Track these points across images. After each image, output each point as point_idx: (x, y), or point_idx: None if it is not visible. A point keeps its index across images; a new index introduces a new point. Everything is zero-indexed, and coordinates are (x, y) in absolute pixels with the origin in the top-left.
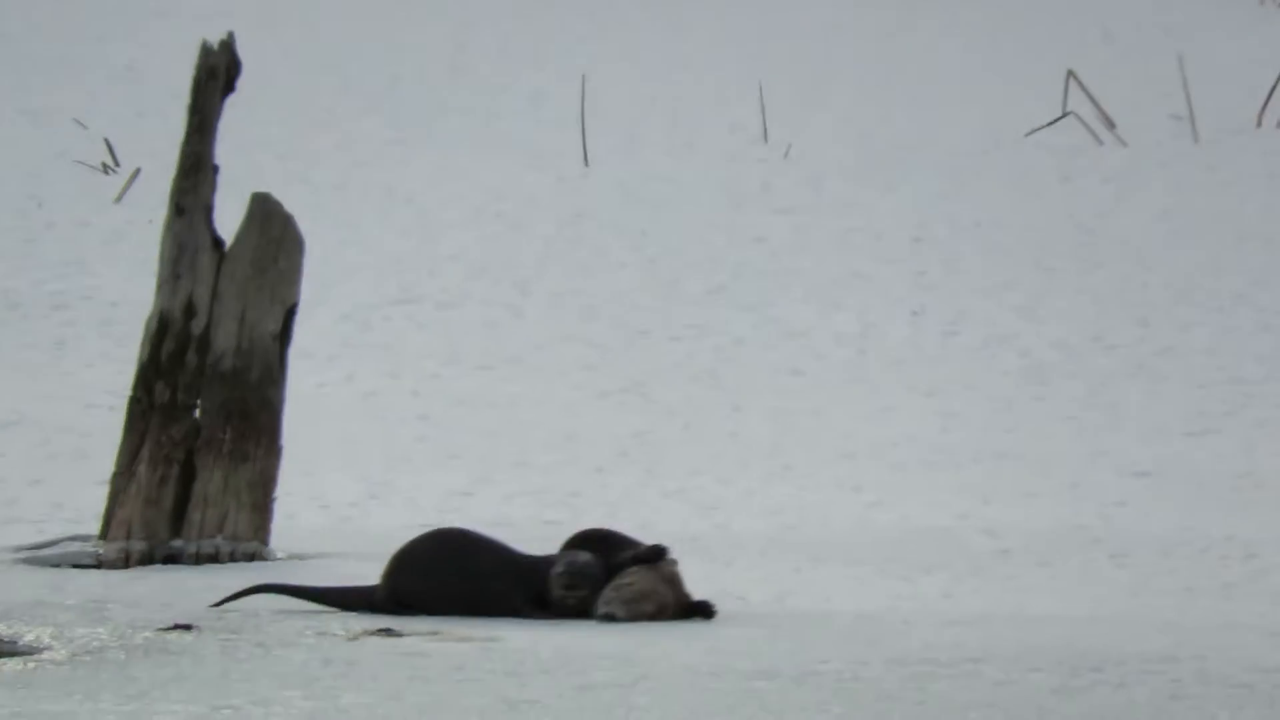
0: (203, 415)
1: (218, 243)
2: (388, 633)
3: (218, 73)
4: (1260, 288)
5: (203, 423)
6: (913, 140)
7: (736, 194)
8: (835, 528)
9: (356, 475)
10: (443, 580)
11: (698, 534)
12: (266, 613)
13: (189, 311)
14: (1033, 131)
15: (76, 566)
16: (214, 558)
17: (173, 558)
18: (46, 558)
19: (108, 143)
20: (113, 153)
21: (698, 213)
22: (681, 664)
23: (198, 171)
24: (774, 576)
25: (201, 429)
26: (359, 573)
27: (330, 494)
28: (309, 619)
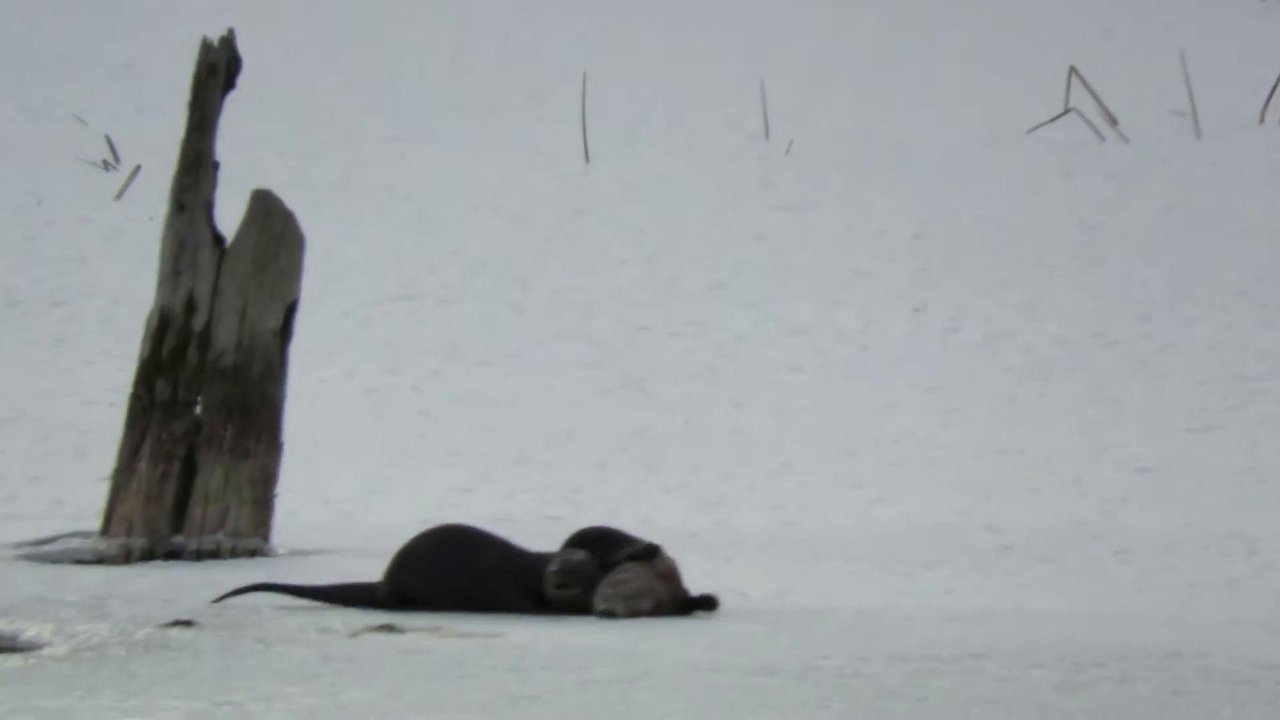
0: (204, 412)
1: (218, 239)
2: (388, 629)
3: (218, 69)
4: (1262, 284)
5: (204, 419)
6: (914, 137)
7: (737, 191)
8: (836, 524)
9: (357, 472)
10: (446, 577)
11: (699, 530)
12: (267, 609)
13: (190, 308)
14: (1034, 128)
15: (77, 563)
16: (215, 554)
17: (174, 554)
18: (47, 554)
19: (108, 139)
20: (113, 149)
21: (698, 209)
22: (682, 660)
23: (198, 168)
24: (775, 572)
25: (202, 425)
26: (360, 569)
27: (331, 490)
28: (310, 615)
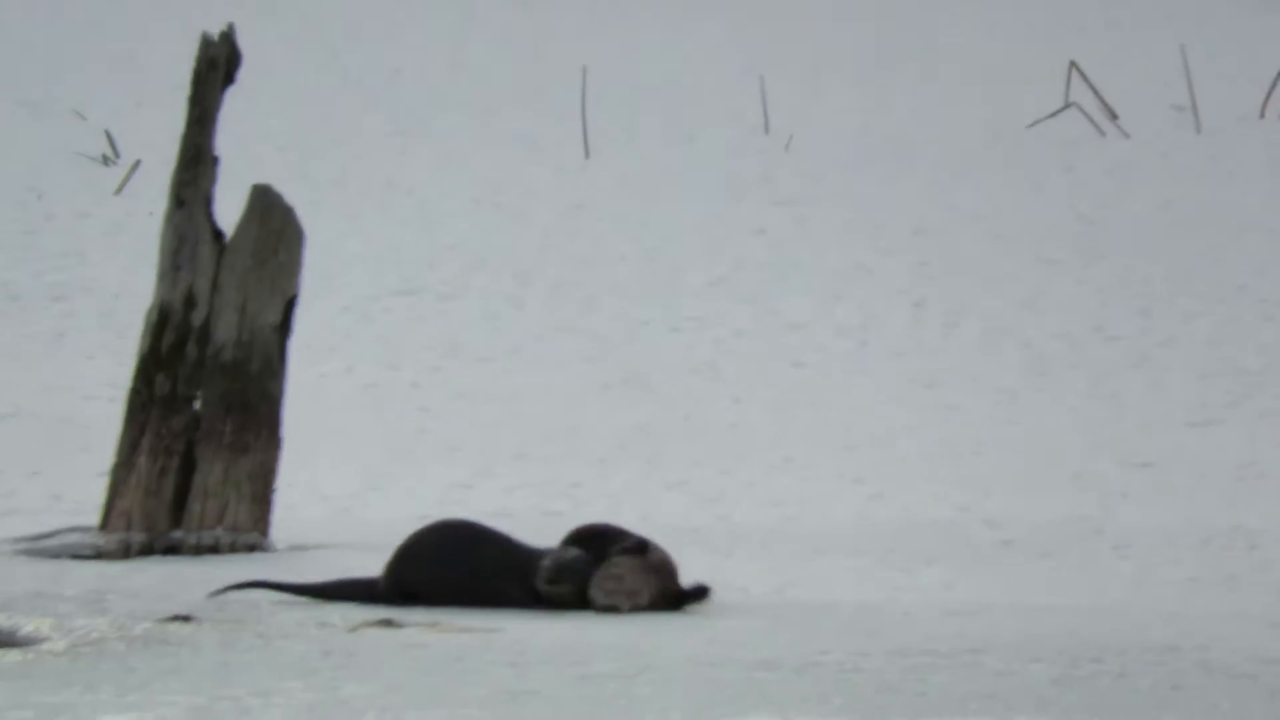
0: (203, 407)
1: (218, 235)
2: (387, 624)
3: (218, 64)
4: (1262, 278)
5: (203, 414)
6: (914, 132)
7: (737, 186)
8: (836, 519)
9: (357, 467)
10: (447, 571)
11: (699, 525)
12: (266, 604)
13: (189, 303)
14: (1035, 123)
15: (76, 558)
16: (214, 549)
17: (172, 549)
18: (46, 549)
19: (108, 134)
20: (113, 144)
21: (698, 205)
22: (683, 655)
23: (198, 163)
24: (775, 568)
25: (202, 420)
26: (359, 564)
27: (330, 486)
28: (309, 610)
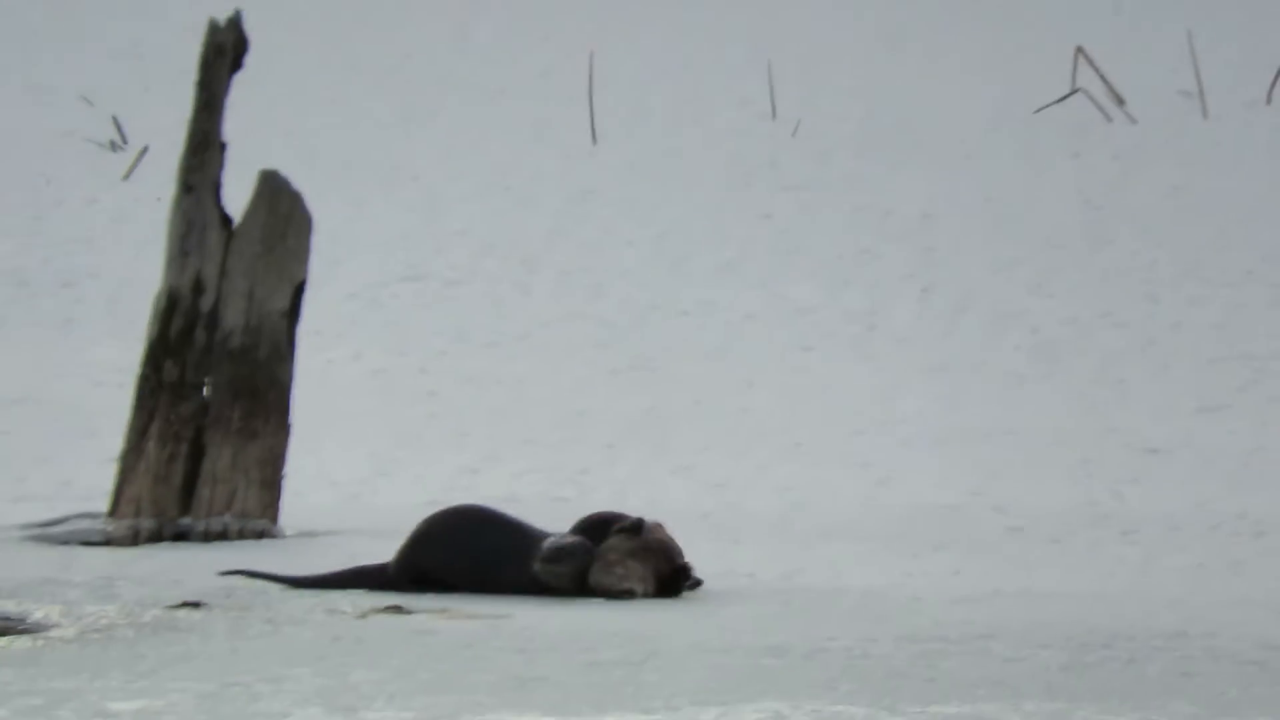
0: (211, 393)
1: (226, 220)
2: (396, 610)
3: (225, 50)
4: (1270, 263)
5: (211, 400)
6: (921, 117)
7: (745, 171)
8: (844, 505)
9: (365, 453)
10: (464, 555)
11: (707, 511)
12: (275, 590)
13: (197, 289)
14: (1042, 108)
15: (85, 544)
16: (223, 535)
17: (181, 535)
18: (55, 535)
19: (115, 120)
20: (120, 130)
21: (706, 190)
22: (690, 641)
23: (206, 149)
24: (783, 553)
25: (210, 406)
26: (368, 550)
27: (339, 471)
28: (318, 597)
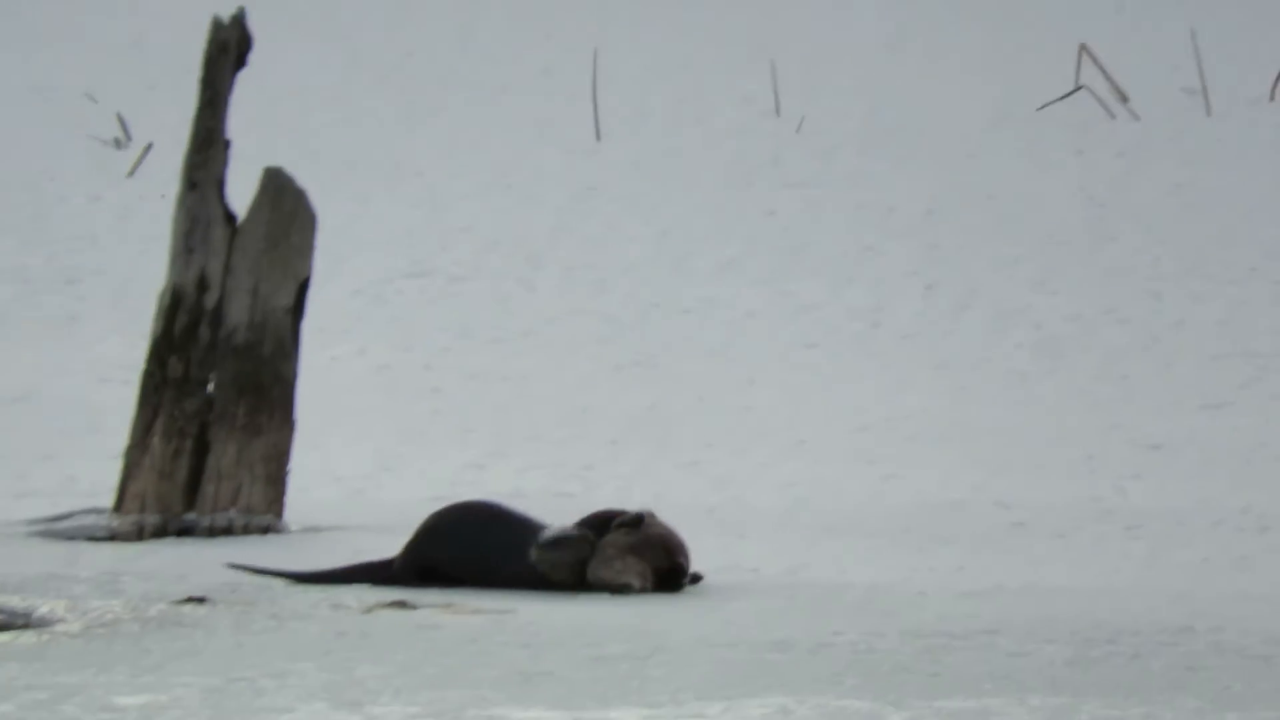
0: (216, 389)
1: (230, 217)
2: (401, 605)
3: (229, 48)
4: (1273, 260)
5: (216, 396)
6: (924, 114)
7: (748, 168)
8: (849, 501)
9: (369, 449)
10: (472, 550)
11: (711, 507)
12: (280, 585)
13: (202, 286)
14: (1045, 105)
15: (90, 540)
16: (228, 530)
17: (186, 531)
18: (60, 531)
19: (119, 117)
20: (124, 127)
21: (709, 187)
22: (695, 635)
23: (210, 146)
24: (788, 549)
25: (215, 403)
26: (373, 546)
27: (343, 468)
28: (323, 592)
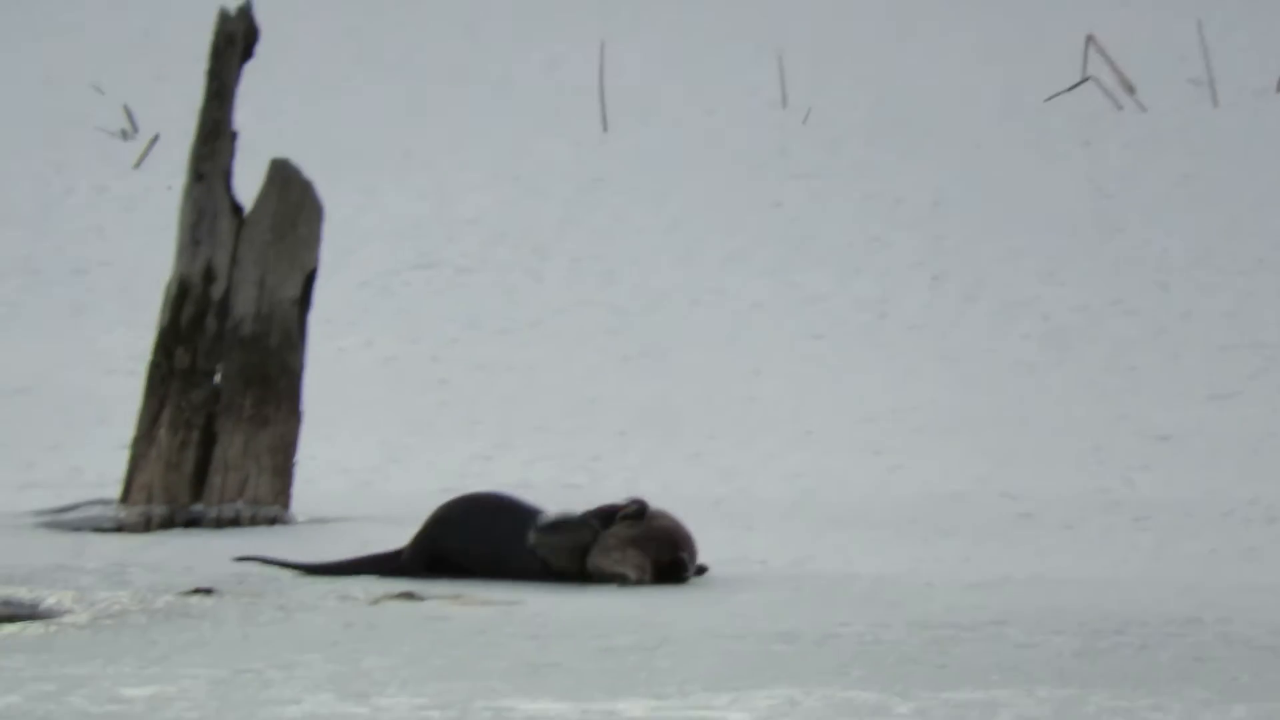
0: (223, 380)
1: (237, 208)
2: (409, 597)
3: (236, 39)
4: None
5: (223, 388)
6: (931, 105)
7: (755, 159)
8: (855, 492)
9: (376, 440)
10: (482, 539)
11: (718, 498)
12: (287, 577)
13: (208, 277)
14: (1052, 96)
15: (97, 531)
16: (235, 522)
17: (193, 522)
18: (67, 522)
19: (126, 109)
20: (131, 119)
21: (716, 178)
22: (702, 627)
23: (216, 137)
24: (794, 540)
25: (222, 394)
26: (380, 537)
27: (350, 459)
28: (330, 583)
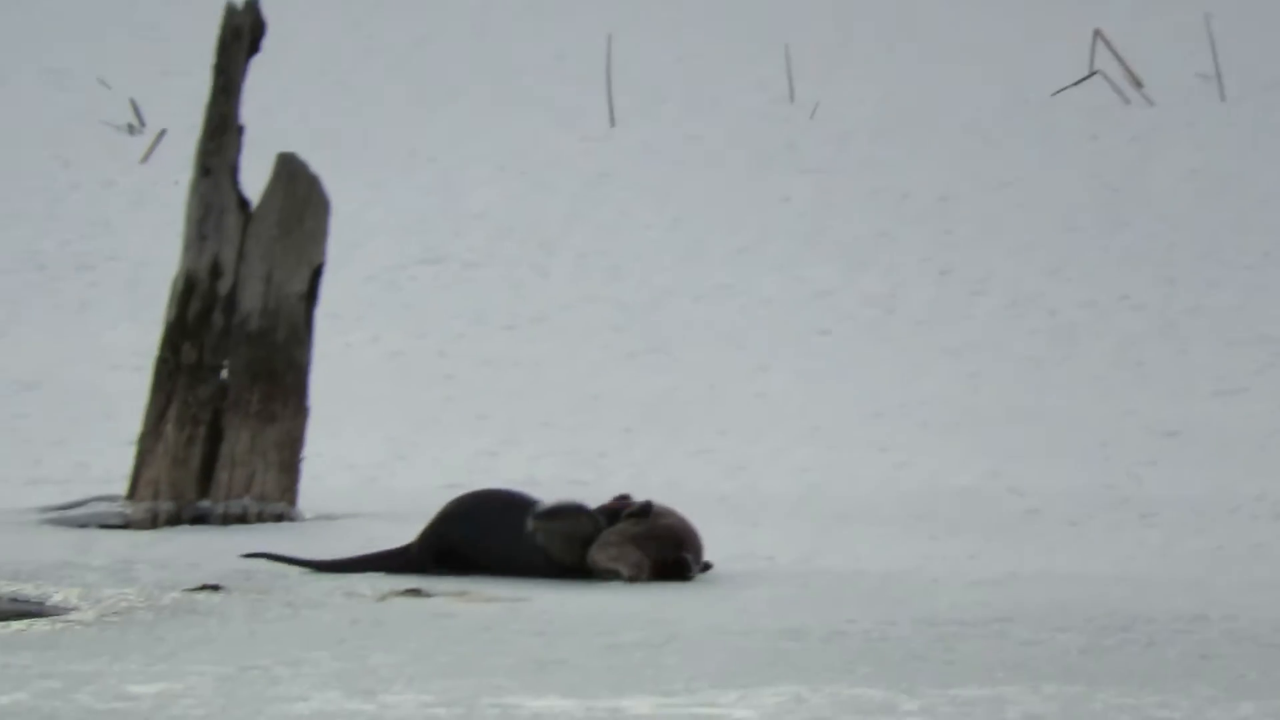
0: (229, 376)
1: (244, 203)
2: (415, 593)
3: (242, 33)
4: None
5: (229, 383)
6: (939, 100)
7: (762, 154)
8: (862, 487)
9: (383, 436)
10: (492, 534)
11: (725, 494)
12: (294, 573)
13: (215, 272)
14: (1059, 91)
15: (104, 527)
16: (242, 518)
17: (200, 518)
18: (73, 518)
19: (133, 103)
20: (138, 113)
21: (723, 173)
22: (709, 624)
23: (223, 132)
24: (801, 536)
25: (228, 389)
26: (386, 533)
27: (357, 455)
28: (337, 580)
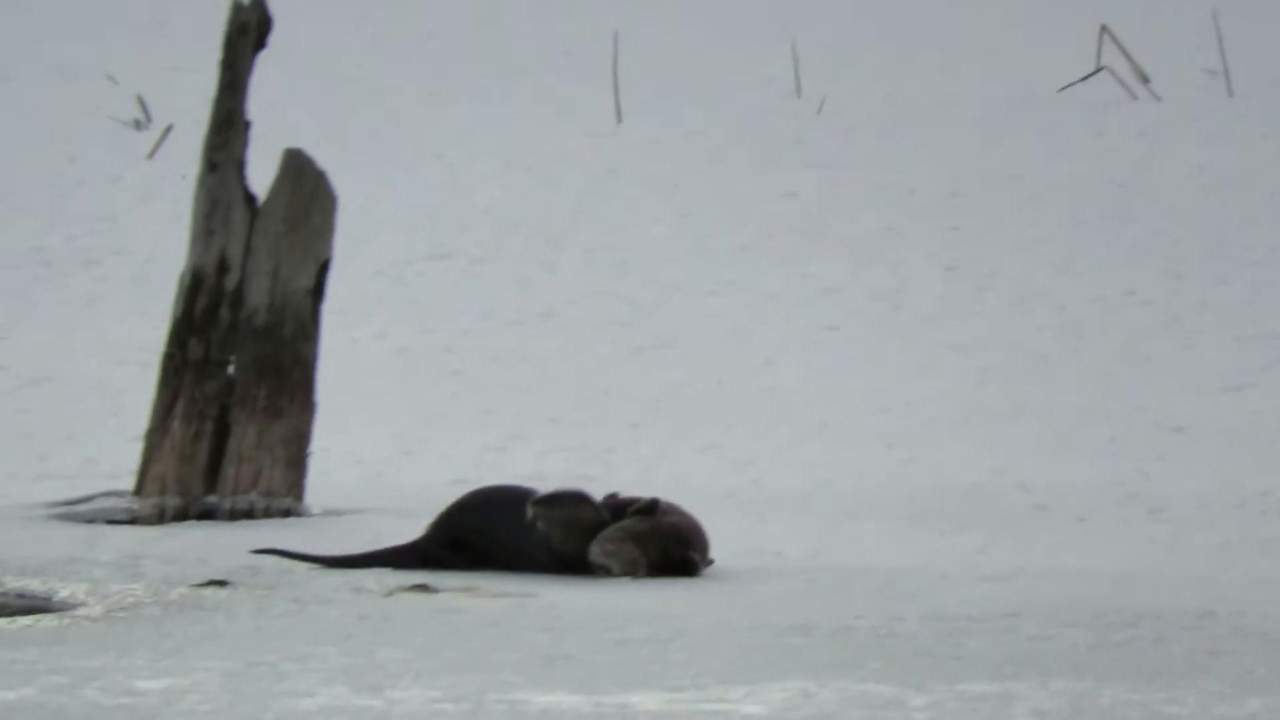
0: (236, 371)
1: (250, 199)
2: (423, 589)
3: (249, 29)
4: None
5: (236, 379)
6: (946, 95)
7: (769, 149)
8: (870, 483)
9: (390, 431)
10: (501, 527)
11: (732, 490)
12: (301, 569)
13: (222, 267)
14: (1066, 86)
15: (111, 522)
16: (248, 514)
17: (207, 514)
18: (81, 514)
19: (140, 99)
20: (145, 109)
21: (730, 168)
22: (717, 619)
23: (230, 127)
24: (809, 532)
25: (235, 385)
26: (393, 529)
27: (364, 450)
28: (344, 575)
